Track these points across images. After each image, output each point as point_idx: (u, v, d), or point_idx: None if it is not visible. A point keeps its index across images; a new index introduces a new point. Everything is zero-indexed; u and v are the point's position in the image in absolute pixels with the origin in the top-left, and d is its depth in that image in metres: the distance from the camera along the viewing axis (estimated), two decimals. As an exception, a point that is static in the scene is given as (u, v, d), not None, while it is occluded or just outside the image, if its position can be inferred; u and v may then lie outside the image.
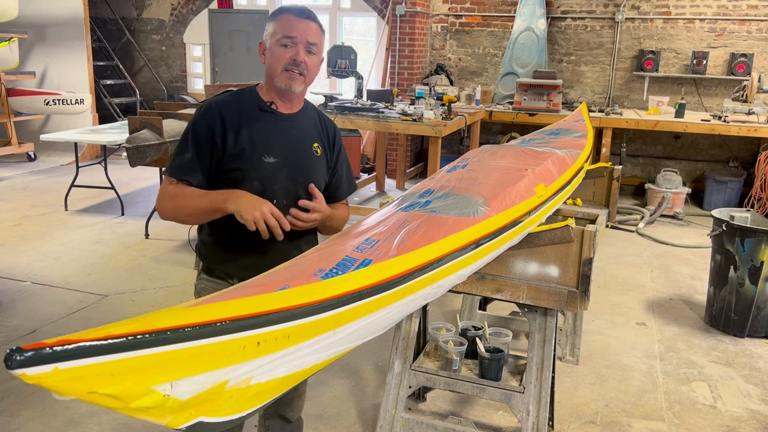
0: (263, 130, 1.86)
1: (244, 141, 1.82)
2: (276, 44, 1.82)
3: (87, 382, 0.86)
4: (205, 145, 1.81)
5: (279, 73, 1.83)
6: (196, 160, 1.81)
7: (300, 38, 1.81)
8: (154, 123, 4.95)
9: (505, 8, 7.93)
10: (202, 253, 1.97)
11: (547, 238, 2.25)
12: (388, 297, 1.39)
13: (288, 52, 1.81)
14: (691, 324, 4.03)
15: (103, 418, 2.78)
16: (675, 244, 5.68)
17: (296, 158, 1.90)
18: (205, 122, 1.83)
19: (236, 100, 1.89)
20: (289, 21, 1.82)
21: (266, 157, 1.83)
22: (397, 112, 5.71)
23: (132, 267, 4.65)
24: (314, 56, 1.86)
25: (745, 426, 2.92)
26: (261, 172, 1.83)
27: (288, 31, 1.81)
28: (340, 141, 2.07)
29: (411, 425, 2.51)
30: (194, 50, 9.61)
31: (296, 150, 1.91)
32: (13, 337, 3.53)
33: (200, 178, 1.82)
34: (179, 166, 1.83)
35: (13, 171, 7.70)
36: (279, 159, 1.85)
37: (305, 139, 1.94)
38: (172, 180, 1.85)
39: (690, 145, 7.65)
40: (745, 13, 7.17)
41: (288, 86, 1.84)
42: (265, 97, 1.90)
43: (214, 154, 1.82)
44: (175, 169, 1.84)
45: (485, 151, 2.78)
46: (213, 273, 1.95)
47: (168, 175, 1.87)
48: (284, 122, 1.90)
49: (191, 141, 1.83)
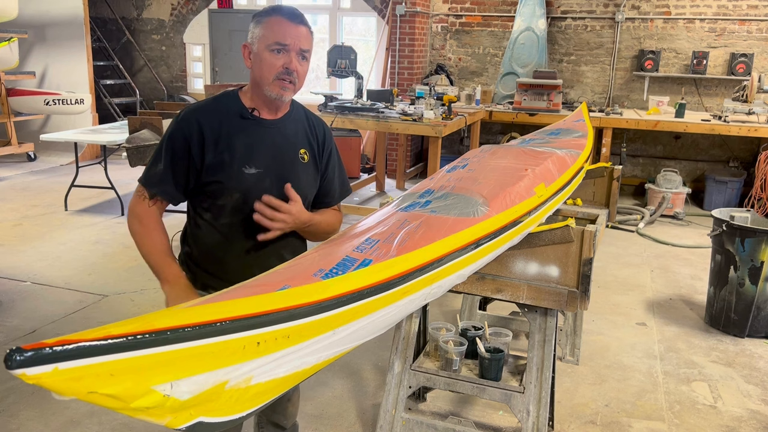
0: (244, 140, 1.75)
1: (224, 152, 1.72)
2: (266, 50, 1.70)
3: (87, 382, 0.86)
4: (180, 156, 1.73)
5: (270, 82, 1.71)
6: (170, 172, 1.74)
7: (293, 45, 1.69)
8: (154, 123, 4.95)
9: (505, 8, 7.93)
10: (184, 264, 1.89)
11: (547, 238, 2.25)
12: (388, 297, 1.39)
13: (280, 60, 1.69)
14: (691, 324, 4.03)
15: (103, 418, 2.78)
16: (675, 244, 5.68)
17: (280, 167, 1.79)
18: (181, 133, 1.73)
19: (216, 107, 1.79)
20: (281, 25, 1.70)
21: (247, 168, 1.74)
22: (397, 112, 5.71)
23: (132, 267, 4.64)
24: (305, 62, 1.75)
25: (745, 426, 2.92)
26: (242, 185, 1.74)
27: (281, 37, 1.69)
28: (330, 143, 1.95)
29: (411, 425, 2.50)
30: (194, 50, 9.61)
31: (280, 159, 1.80)
32: (13, 337, 3.53)
33: (171, 190, 1.76)
34: (152, 176, 1.76)
35: (13, 171, 7.70)
36: (261, 169, 1.75)
37: (290, 145, 1.83)
38: (144, 194, 1.77)
39: (690, 145, 7.65)
40: (745, 13, 7.17)
41: (279, 96, 1.74)
42: (248, 102, 1.79)
43: (191, 167, 1.74)
44: (148, 178, 1.77)
45: (485, 151, 2.78)
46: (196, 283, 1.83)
47: (140, 183, 1.79)
48: (267, 129, 1.79)
49: (165, 151, 1.74)
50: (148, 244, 1.74)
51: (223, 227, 1.79)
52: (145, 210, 1.77)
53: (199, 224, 1.82)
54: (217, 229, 1.79)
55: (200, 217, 1.82)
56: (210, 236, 1.81)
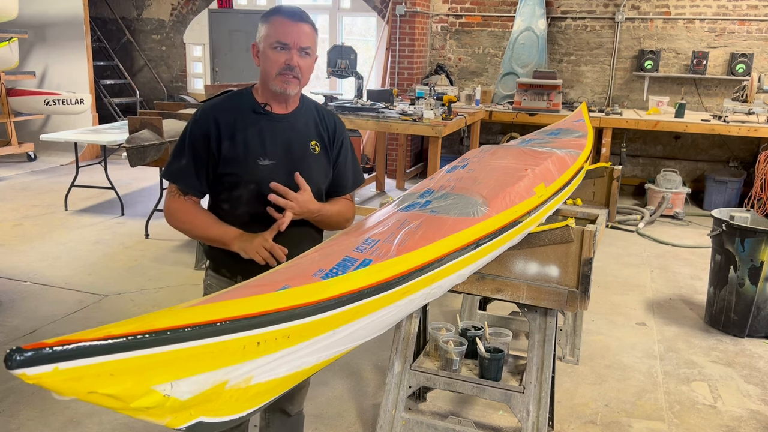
0: (258, 133, 1.87)
1: (239, 145, 1.84)
2: (269, 48, 1.82)
3: (87, 382, 0.86)
4: (201, 150, 1.85)
5: (273, 77, 1.83)
6: (193, 166, 1.86)
7: (293, 43, 1.80)
8: (154, 123, 4.95)
9: (505, 8, 7.93)
10: (207, 254, 2.01)
11: (547, 238, 2.25)
12: (388, 297, 1.39)
13: (282, 57, 1.81)
14: (691, 324, 4.03)
15: (103, 418, 2.78)
16: (675, 244, 5.68)
17: (292, 159, 1.89)
18: (200, 128, 1.86)
19: (231, 103, 1.91)
20: (282, 24, 1.81)
21: (261, 160, 1.85)
22: (397, 112, 5.71)
23: (132, 267, 4.65)
24: (308, 57, 1.86)
25: (745, 426, 2.92)
26: (257, 176, 1.84)
27: (281, 36, 1.80)
28: (342, 134, 2.03)
29: (411, 425, 2.51)
30: (194, 50, 9.61)
31: (292, 150, 1.91)
32: (13, 337, 3.53)
33: (197, 184, 1.88)
34: (177, 170, 1.88)
35: (13, 171, 7.70)
36: (274, 161, 1.86)
37: (301, 138, 1.94)
38: (176, 191, 1.89)
39: (690, 145, 7.65)
40: (745, 13, 7.17)
41: (283, 90, 1.84)
42: (259, 98, 1.91)
43: (210, 160, 1.85)
44: (174, 173, 1.90)
45: (485, 151, 2.78)
46: (219, 271, 1.98)
47: (168, 180, 1.92)
48: (279, 123, 1.91)
49: (188, 146, 1.87)
50: (199, 226, 1.87)
51: (241, 216, 1.88)
52: (182, 204, 1.89)
53: (220, 215, 1.91)
54: (236, 219, 1.88)
55: (219, 208, 1.92)
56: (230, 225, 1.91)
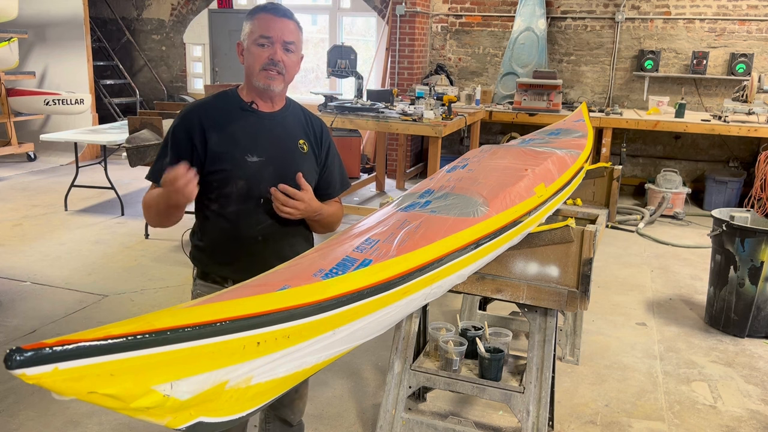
0: (246, 130, 1.86)
1: (227, 141, 1.83)
2: (253, 44, 1.82)
3: (87, 382, 0.85)
4: (183, 148, 1.83)
5: (257, 72, 1.83)
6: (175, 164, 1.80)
7: (277, 37, 1.80)
8: (154, 123, 4.95)
9: (505, 8, 7.93)
10: (196, 258, 1.98)
11: (547, 238, 2.25)
12: (388, 297, 1.39)
13: (265, 52, 1.81)
14: (691, 324, 4.03)
15: (103, 418, 2.78)
16: (675, 244, 5.68)
17: (281, 156, 1.89)
18: (183, 126, 1.85)
19: (217, 102, 1.91)
20: (266, 20, 1.82)
21: (250, 156, 1.84)
22: (397, 112, 5.71)
23: (132, 267, 4.65)
24: (292, 54, 1.85)
25: (745, 426, 2.92)
26: (246, 172, 1.83)
27: (265, 30, 1.80)
28: (328, 137, 2.04)
29: (411, 425, 2.50)
30: (194, 50, 9.61)
31: (281, 148, 1.90)
32: (13, 337, 3.53)
33: None
34: (158, 170, 1.84)
35: (13, 171, 7.69)
36: (263, 158, 1.85)
37: (289, 136, 1.93)
38: (152, 187, 1.89)
39: (690, 145, 7.65)
40: (745, 13, 7.17)
41: (267, 85, 1.84)
42: (245, 97, 1.90)
43: (195, 157, 1.83)
44: (154, 173, 1.87)
45: (485, 151, 2.78)
46: (208, 277, 1.95)
47: (148, 179, 1.91)
48: (267, 121, 1.90)
49: (170, 145, 1.85)
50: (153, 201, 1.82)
51: (231, 215, 1.87)
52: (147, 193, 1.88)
53: (208, 216, 1.90)
54: (225, 218, 1.87)
55: (207, 208, 1.90)
56: (219, 226, 1.89)
